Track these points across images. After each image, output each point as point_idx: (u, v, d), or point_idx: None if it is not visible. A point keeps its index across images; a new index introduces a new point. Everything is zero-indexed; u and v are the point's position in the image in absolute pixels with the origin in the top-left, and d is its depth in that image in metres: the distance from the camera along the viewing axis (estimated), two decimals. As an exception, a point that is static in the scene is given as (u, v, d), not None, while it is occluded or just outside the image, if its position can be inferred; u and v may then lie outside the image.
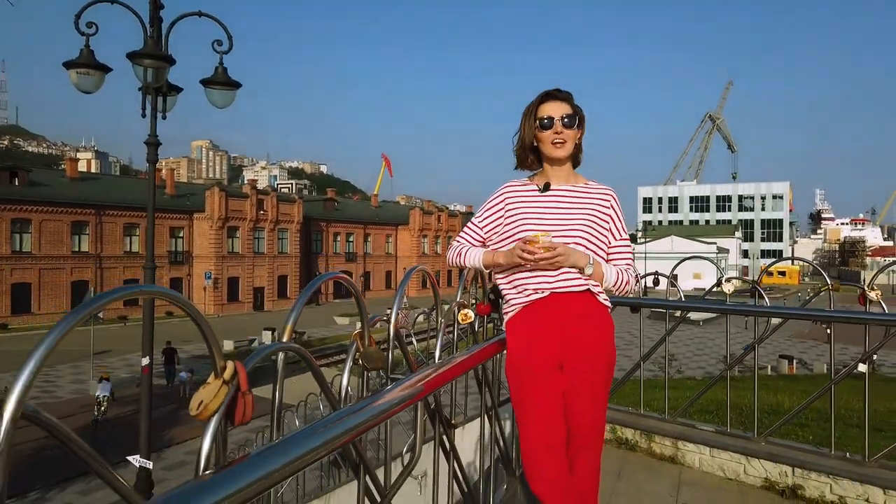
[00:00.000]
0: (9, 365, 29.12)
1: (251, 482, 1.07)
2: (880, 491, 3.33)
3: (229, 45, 10.37)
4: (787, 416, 4.04)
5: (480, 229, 2.47)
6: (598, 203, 2.42)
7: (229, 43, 10.35)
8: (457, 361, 2.14)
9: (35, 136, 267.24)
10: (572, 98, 2.44)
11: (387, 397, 1.65)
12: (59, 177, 50.87)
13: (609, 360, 2.35)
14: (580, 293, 2.30)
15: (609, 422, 4.49)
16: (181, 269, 52.13)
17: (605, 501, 3.50)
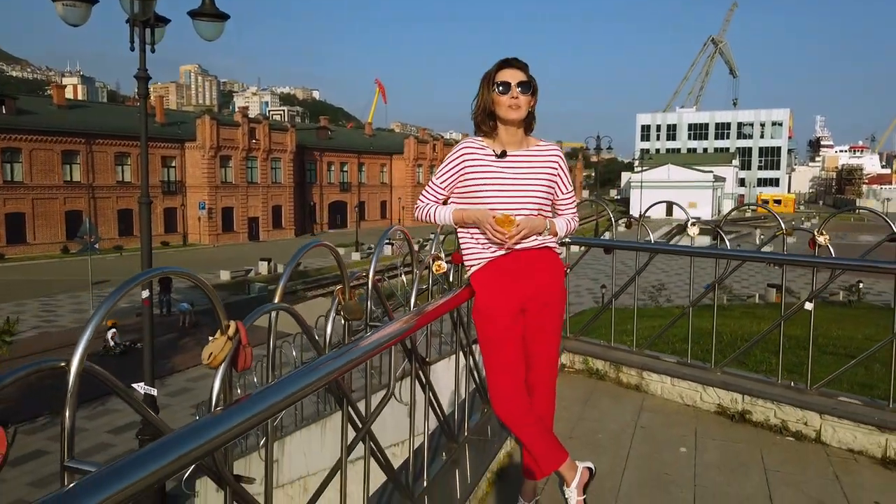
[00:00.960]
0: (7, 295, 29.66)
1: (253, 415, 1.37)
2: (817, 415, 3.71)
3: (215, -23, 10.24)
4: (740, 349, 4.40)
5: (442, 188, 2.72)
6: (548, 165, 2.68)
7: (216, -27, 10.22)
8: (429, 309, 2.43)
9: (18, 59, 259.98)
10: (528, 68, 2.67)
11: (366, 341, 1.95)
12: (47, 104, 50.01)
13: (562, 302, 2.69)
14: (539, 249, 2.60)
15: (582, 354, 4.86)
16: (174, 199, 52.11)
17: (571, 426, 3.89)
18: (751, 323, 11.92)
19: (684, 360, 4.42)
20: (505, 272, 2.59)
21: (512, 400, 2.61)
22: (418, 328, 2.46)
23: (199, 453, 1.25)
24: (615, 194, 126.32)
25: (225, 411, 1.34)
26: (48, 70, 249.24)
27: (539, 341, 2.67)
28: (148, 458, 1.16)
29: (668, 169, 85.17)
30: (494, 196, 2.58)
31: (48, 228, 45.24)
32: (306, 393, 1.59)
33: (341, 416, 2.03)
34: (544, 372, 2.73)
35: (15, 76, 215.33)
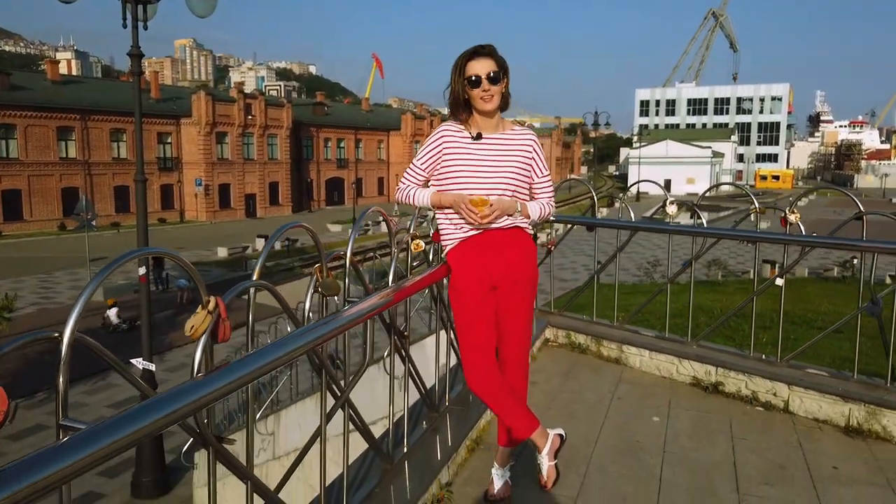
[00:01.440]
0: (5, 272, 29.78)
1: (231, 381, 1.51)
2: (785, 386, 3.88)
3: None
4: (712, 324, 4.56)
5: (422, 171, 2.83)
6: (522, 149, 2.79)
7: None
8: (407, 285, 2.57)
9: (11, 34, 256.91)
10: (496, 51, 2.74)
11: (343, 314, 2.09)
12: (41, 79, 49.64)
13: (533, 280, 2.81)
14: (510, 229, 2.73)
15: (565, 328, 5.02)
16: (171, 176, 52.00)
17: (551, 397, 4.05)
18: (743, 298, 12.07)
19: (662, 335, 4.57)
20: (477, 251, 2.72)
21: (483, 373, 2.75)
22: (396, 302, 2.61)
23: (182, 413, 1.39)
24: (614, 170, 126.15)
25: (206, 377, 1.48)
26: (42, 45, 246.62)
27: (510, 318, 2.80)
28: (136, 416, 1.30)
29: (667, 145, 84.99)
30: (469, 176, 2.70)
31: (45, 205, 45.21)
32: (283, 362, 1.73)
33: (321, 386, 2.17)
34: (516, 347, 2.87)
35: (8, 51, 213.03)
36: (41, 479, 1.05)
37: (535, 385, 4.24)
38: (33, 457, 1.07)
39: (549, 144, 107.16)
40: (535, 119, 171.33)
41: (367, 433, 2.50)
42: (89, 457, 1.12)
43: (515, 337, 2.85)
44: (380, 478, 2.65)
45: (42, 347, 1.67)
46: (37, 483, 1.04)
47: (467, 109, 2.75)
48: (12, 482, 1.01)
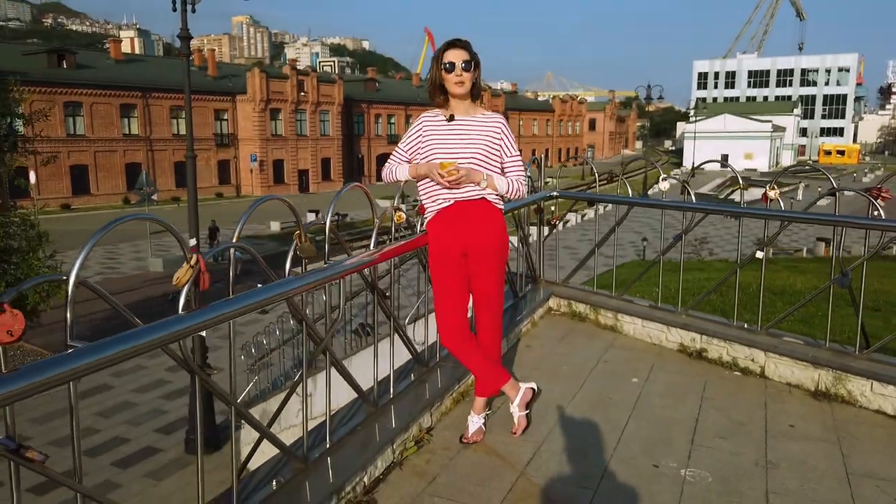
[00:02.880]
0: (75, 243, 31.56)
1: (207, 319, 1.93)
2: (762, 353, 4.11)
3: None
4: (701, 294, 4.79)
5: (405, 152, 3.21)
6: (490, 130, 3.14)
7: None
8: (388, 248, 2.95)
9: (77, 13, 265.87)
10: (470, 46, 3.13)
11: (323, 270, 2.49)
12: (105, 58, 51.66)
13: (499, 247, 3.14)
14: (477, 200, 3.07)
15: (567, 298, 5.32)
16: (227, 152, 53.61)
17: (542, 359, 4.39)
18: (794, 277, 12.09)
19: (655, 305, 4.84)
20: (448, 220, 3.08)
21: (452, 331, 3.13)
22: (377, 262, 2.99)
23: (164, 339, 1.81)
24: (669, 145, 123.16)
25: (189, 314, 1.90)
26: (106, 24, 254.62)
27: (480, 282, 3.16)
28: (127, 339, 1.72)
29: (724, 119, 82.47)
30: (442, 151, 3.06)
31: (110, 180, 47.36)
32: (256, 307, 2.14)
33: (302, 334, 2.59)
34: (486, 309, 3.23)
35: (75, 30, 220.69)
36: (53, 377, 1.48)
37: (531, 349, 4.59)
38: (47, 361, 1.49)
39: (602, 119, 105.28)
40: (588, 93, 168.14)
41: (351, 380, 2.92)
42: (85, 366, 1.55)
43: (485, 299, 3.20)
44: (364, 418, 3.06)
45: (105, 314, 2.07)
46: (49, 379, 1.47)
47: (444, 94, 3.10)
48: (32, 375, 1.44)
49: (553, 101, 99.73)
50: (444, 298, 3.14)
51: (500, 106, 77.53)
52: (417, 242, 3.19)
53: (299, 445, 2.63)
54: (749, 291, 6.13)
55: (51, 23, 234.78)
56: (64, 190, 45.05)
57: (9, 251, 13.34)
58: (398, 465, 2.98)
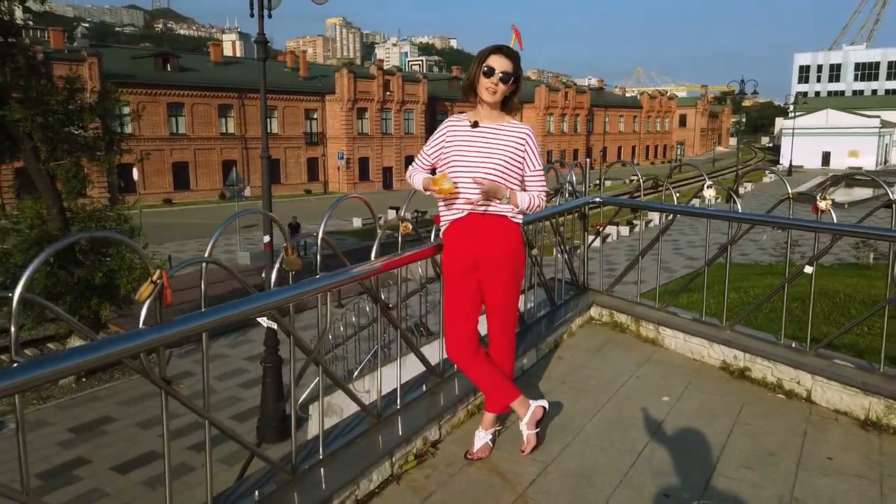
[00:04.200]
0: (175, 236, 33.54)
1: (170, 333, 1.96)
2: (809, 376, 3.81)
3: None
4: (748, 308, 4.49)
5: (428, 157, 3.17)
6: (514, 140, 3.04)
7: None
8: (390, 259, 2.93)
9: (185, 18, 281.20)
10: (518, 59, 3.01)
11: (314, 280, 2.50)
12: (206, 61, 54.38)
13: (512, 263, 3.05)
14: (493, 214, 3.00)
15: (609, 308, 5.14)
16: (316, 150, 55.28)
17: (571, 372, 4.25)
18: (858, 284, 11.26)
19: (699, 318, 4.59)
20: (462, 231, 3.02)
21: (458, 344, 3.06)
22: (379, 273, 2.98)
23: (125, 353, 1.86)
24: (766, 142, 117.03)
25: (148, 329, 1.94)
26: (210, 27, 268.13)
27: (491, 295, 3.08)
28: (85, 351, 1.78)
29: (827, 114, 77.35)
30: (461, 159, 2.99)
31: (208, 176, 49.87)
32: (228, 321, 2.16)
33: (290, 346, 2.61)
34: (497, 323, 3.15)
35: (182, 34, 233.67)
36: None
37: (562, 360, 4.46)
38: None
39: (693, 115, 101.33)
40: (679, 88, 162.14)
41: (348, 390, 2.92)
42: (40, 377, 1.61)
43: (497, 313, 3.12)
44: (366, 429, 3.06)
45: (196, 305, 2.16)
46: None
47: (475, 96, 3.03)
48: None
49: (641, 97, 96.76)
50: (454, 309, 3.09)
51: (584, 102, 76.03)
52: (425, 252, 3.15)
53: (288, 460, 2.66)
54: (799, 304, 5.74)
55: (161, 27, 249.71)
56: (166, 185, 47.82)
57: (105, 244, 14.27)
58: (396, 480, 2.95)
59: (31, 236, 13.06)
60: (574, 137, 75.44)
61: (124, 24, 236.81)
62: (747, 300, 9.85)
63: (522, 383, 4.02)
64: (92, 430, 12.70)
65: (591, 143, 79.50)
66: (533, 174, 3.10)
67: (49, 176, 13.05)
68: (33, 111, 11.82)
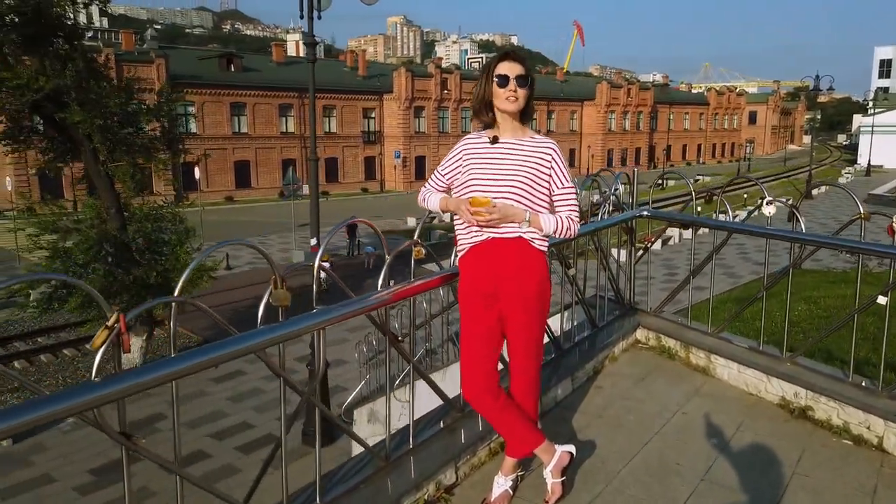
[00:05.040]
0: (234, 233, 34.28)
1: (125, 386, 1.74)
2: (881, 421, 3.36)
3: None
4: (811, 339, 4.02)
5: (443, 177, 2.89)
6: (538, 156, 2.73)
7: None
8: (400, 289, 2.67)
9: (251, 19, 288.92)
10: (526, 60, 2.76)
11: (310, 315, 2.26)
12: (268, 61, 55.42)
13: (537, 294, 2.73)
14: (513, 238, 2.69)
15: (656, 331, 4.74)
16: (374, 149, 55.66)
17: (610, 403, 3.89)
18: None
19: (756, 347, 4.16)
20: (481, 258, 2.73)
21: (475, 383, 2.76)
22: (390, 303, 2.72)
23: (74, 409, 1.65)
24: (843, 140, 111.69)
25: (102, 381, 1.73)
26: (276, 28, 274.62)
27: (514, 330, 2.78)
28: (33, 407, 1.58)
29: (911, 110, 72.93)
30: (479, 177, 2.71)
31: (268, 174, 50.86)
32: (200, 368, 1.94)
33: (280, 389, 2.38)
34: (520, 360, 2.83)
35: (248, 34, 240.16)
36: None
37: (601, 390, 4.11)
38: None
39: (763, 112, 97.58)
40: (750, 84, 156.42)
41: (351, 433, 2.67)
42: None
43: (518, 349, 2.82)
44: (371, 473, 2.80)
45: (249, 303, 2.07)
46: None
47: (491, 112, 2.75)
48: None
49: (708, 94, 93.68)
50: (471, 345, 2.80)
51: (648, 99, 74.07)
52: (437, 281, 2.88)
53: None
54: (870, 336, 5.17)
55: (229, 28, 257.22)
56: (228, 183, 49.00)
57: (160, 243, 14.55)
58: (402, 531, 2.69)
59: (91, 235, 13.40)
60: (636, 135, 73.62)
61: (194, 25, 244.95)
62: (817, 313, 9.16)
63: (554, 417, 3.71)
64: (147, 426, 12.95)
65: (654, 142, 77.43)
66: (562, 193, 2.79)
67: (108, 176, 13.35)
68: (92, 114, 12.08)
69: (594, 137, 69.24)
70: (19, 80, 11.45)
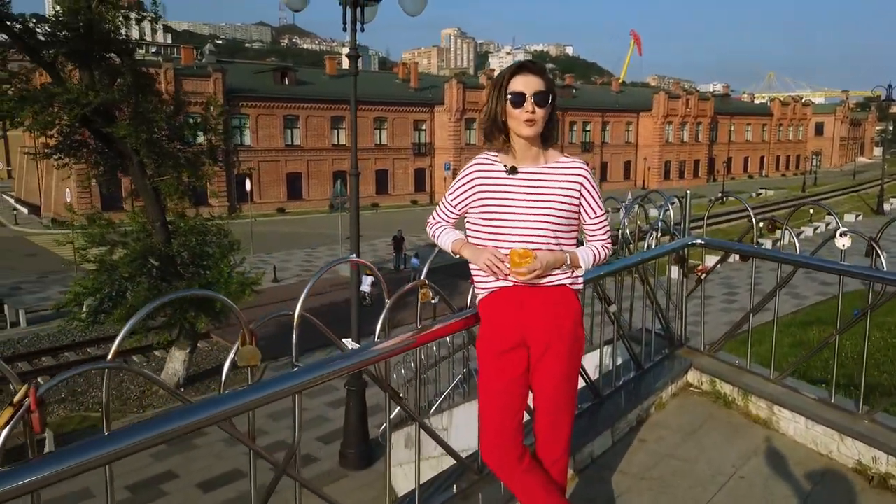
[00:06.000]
0: (284, 244, 34.63)
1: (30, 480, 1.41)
2: None
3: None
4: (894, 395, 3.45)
5: (454, 207, 2.51)
6: (566, 185, 2.34)
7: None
8: (388, 343, 2.29)
9: (308, 33, 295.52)
10: (545, 72, 2.37)
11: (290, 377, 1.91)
12: (321, 74, 56.18)
13: (571, 339, 2.35)
14: (549, 286, 2.31)
15: (710, 374, 4.22)
16: (424, 160, 55.69)
17: (654, 462, 3.42)
18: None
19: (827, 398, 3.61)
20: (507, 304, 2.35)
21: (498, 444, 2.37)
22: (387, 358, 2.35)
23: None
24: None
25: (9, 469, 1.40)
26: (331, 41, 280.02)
27: (542, 385, 2.39)
28: None
29: None
30: (500, 219, 2.32)
31: (319, 186, 51.39)
32: (136, 449, 1.60)
33: (250, 461, 2.02)
34: (549, 414, 2.44)
35: (305, 48, 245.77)
36: None
37: (645, 444, 3.63)
38: None
39: (831, 122, 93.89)
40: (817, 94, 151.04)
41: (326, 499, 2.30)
42: None
43: (548, 403, 2.42)
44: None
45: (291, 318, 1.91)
46: None
47: (504, 134, 2.37)
48: None
49: (772, 104, 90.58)
50: (492, 400, 2.40)
51: (707, 110, 72.02)
52: (450, 329, 2.49)
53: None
54: None
55: (287, 43, 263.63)
56: (281, 195, 49.72)
57: (204, 257, 14.58)
58: None
59: (136, 249, 13.51)
60: (695, 147, 71.55)
61: (253, 40, 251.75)
62: (894, 344, 8.38)
63: (588, 478, 3.26)
64: (184, 442, 12.89)
65: (714, 153, 75.15)
66: (593, 223, 2.42)
67: (154, 190, 13.45)
68: (139, 128, 12.17)
69: (651, 149, 67.66)
70: (69, 95, 11.62)
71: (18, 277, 26.31)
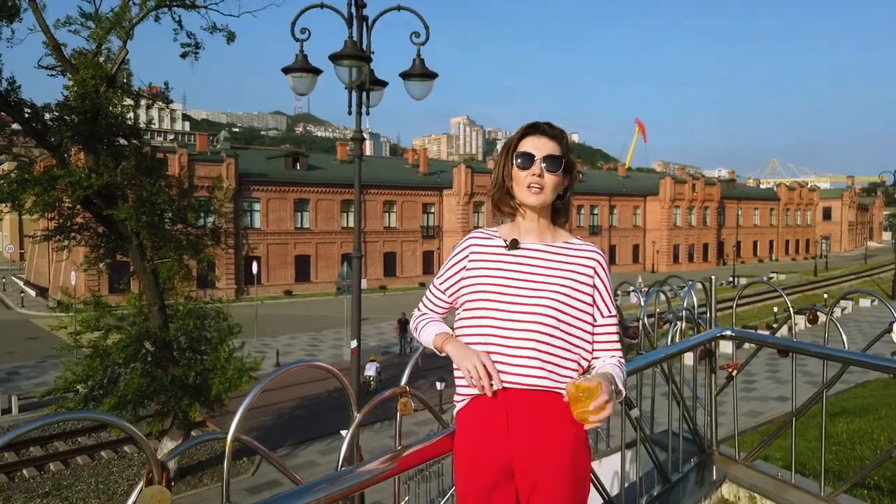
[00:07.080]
0: (288, 328, 34.07)
1: None
2: None
3: (426, 37, 10.61)
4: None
5: (443, 293, 2.08)
6: (577, 268, 1.91)
7: (426, 34, 10.58)
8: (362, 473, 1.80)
9: (322, 121, 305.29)
10: (563, 137, 1.96)
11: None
12: (332, 160, 57.28)
13: (572, 461, 1.83)
14: (540, 390, 1.83)
15: (748, 487, 3.64)
16: (432, 243, 55.81)
17: None
18: None
19: (895, 525, 3.02)
20: (492, 417, 1.87)
21: None
22: (354, 492, 1.85)
23: None
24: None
25: None
26: (344, 129, 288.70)
27: None
28: None
29: None
30: (494, 300, 1.88)
31: (327, 269, 51.33)
32: None
33: None
34: None
35: (319, 136, 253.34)
36: None
37: (678, 577, 3.02)
38: None
39: (838, 207, 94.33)
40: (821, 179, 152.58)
41: None
42: None
43: None
44: None
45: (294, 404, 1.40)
46: None
47: (513, 202, 1.97)
48: None
49: (779, 189, 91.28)
50: None
51: (714, 195, 72.47)
52: (438, 447, 2.00)
53: None
54: None
55: (301, 131, 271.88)
56: (289, 277, 49.59)
57: (202, 341, 14.09)
58: None
59: (132, 333, 13.06)
60: (703, 231, 71.55)
61: (269, 128, 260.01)
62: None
63: None
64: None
65: (723, 237, 75.07)
66: (605, 322, 1.95)
67: (153, 273, 13.14)
68: (139, 210, 11.98)
69: (658, 233, 67.69)
70: (72, 178, 11.51)
71: (17, 361, 25.78)
